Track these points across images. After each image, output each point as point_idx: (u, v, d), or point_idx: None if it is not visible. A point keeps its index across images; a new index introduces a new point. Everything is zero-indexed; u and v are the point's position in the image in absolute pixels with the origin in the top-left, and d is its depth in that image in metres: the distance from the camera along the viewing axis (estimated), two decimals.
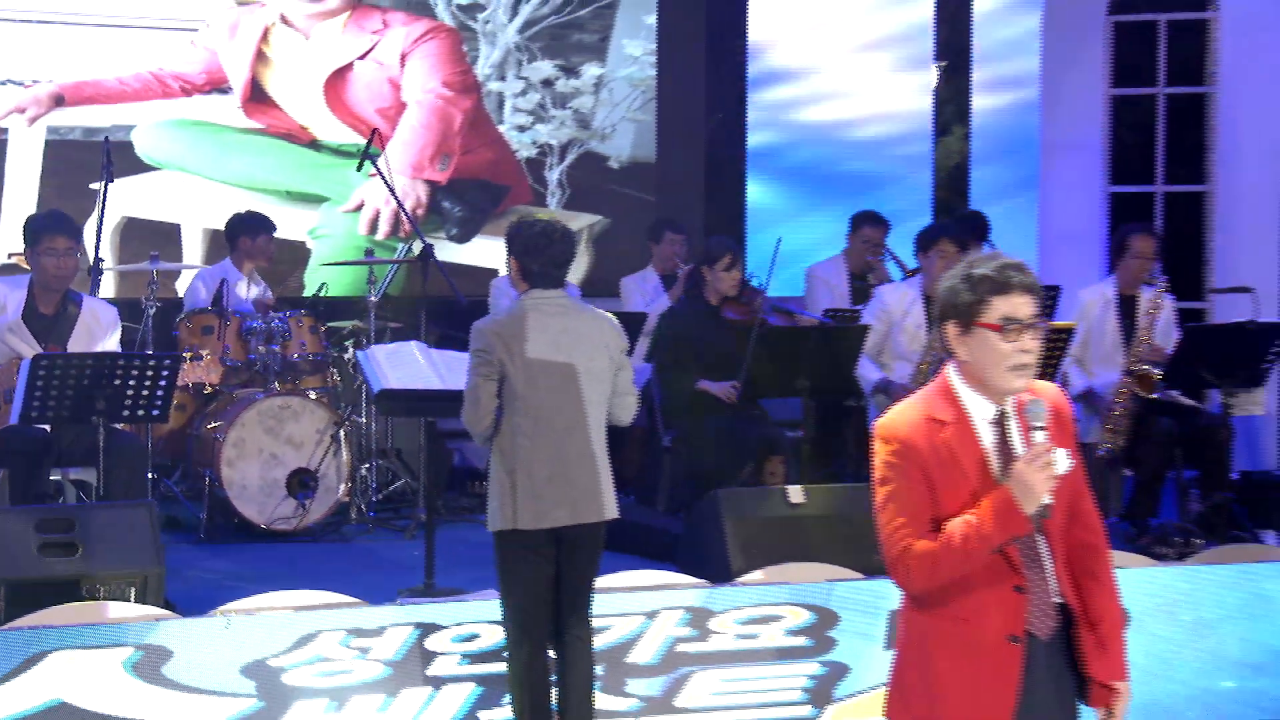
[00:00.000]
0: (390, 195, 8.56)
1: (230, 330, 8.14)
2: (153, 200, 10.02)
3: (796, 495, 6.64)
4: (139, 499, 6.50)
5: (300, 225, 10.23)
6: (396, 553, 7.55)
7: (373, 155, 8.19)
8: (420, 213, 10.33)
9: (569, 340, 5.34)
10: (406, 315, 8.64)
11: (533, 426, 5.28)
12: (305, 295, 9.57)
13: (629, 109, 11.01)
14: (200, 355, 6.80)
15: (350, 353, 8.48)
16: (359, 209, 10.30)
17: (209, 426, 7.87)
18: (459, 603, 5.85)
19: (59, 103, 9.85)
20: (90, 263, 8.13)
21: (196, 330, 8.17)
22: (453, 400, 5.67)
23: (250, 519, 7.75)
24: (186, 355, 6.69)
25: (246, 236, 8.65)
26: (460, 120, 10.54)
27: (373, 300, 8.43)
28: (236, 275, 8.62)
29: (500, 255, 5.72)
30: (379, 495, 8.33)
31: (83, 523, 5.75)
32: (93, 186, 8.50)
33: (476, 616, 5.70)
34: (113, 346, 6.88)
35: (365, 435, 8.36)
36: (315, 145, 10.33)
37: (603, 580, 5.60)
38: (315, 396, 8.10)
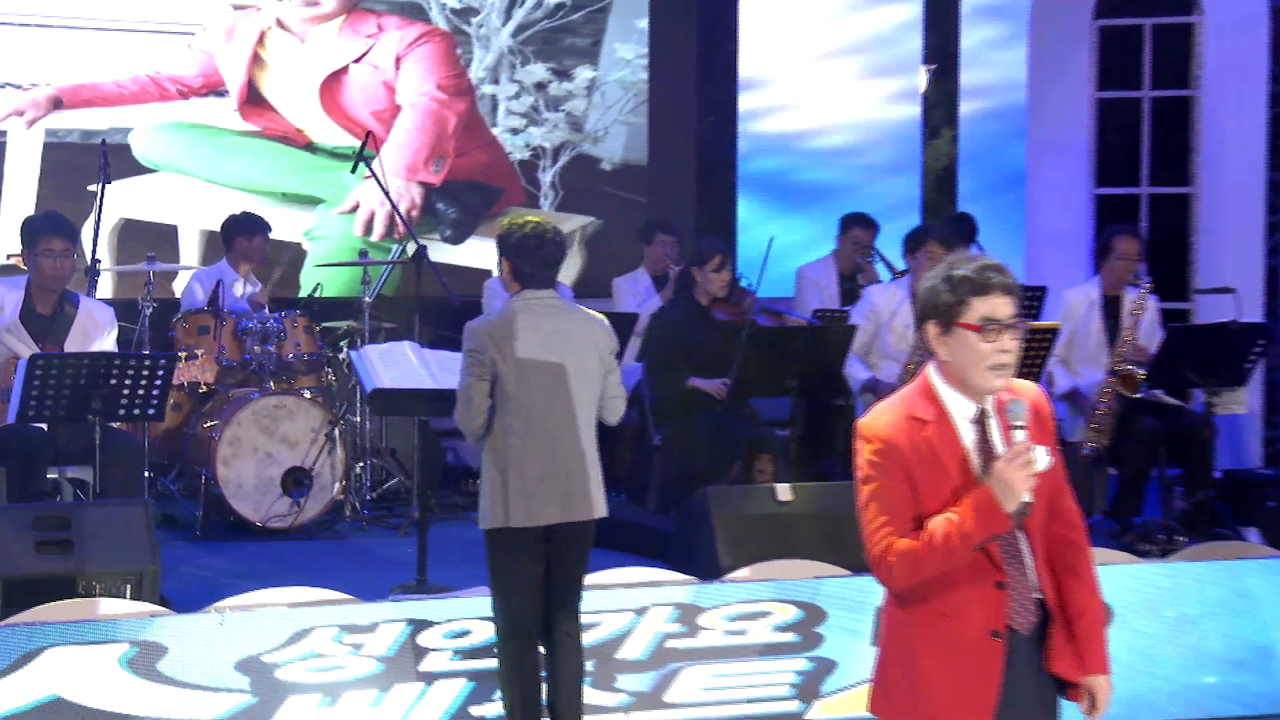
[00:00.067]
0: (384, 197, 8.57)
1: (226, 330, 8.15)
2: (150, 202, 10.03)
3: (785, 493, 6.65)
4: (135, 497, 6.52)
5: (296, 227, 10.24)
6: (390, 550, 7.56)
7: (367, 158, 8.19)
8: (415, 214, 10.34)
9: (560, 341, 5.35)
10: (400, 316, 8.64)
11: (524, 426, 5.29)
12: (301, 296, 9.58)
13: (621, 112, 11.02)
14: (195, 355, 6.81)
15: (345, 353, 8.49)
16: (354, 210, 10.31)
17: (205, 425, 7.87)
18: (451, 599, 5.86)
19: (57, 105, 9.86)
20: (88, 263, 8.13)
21: (193, 330, 8.18)
22: (445, 399, 5.68)
23: (246, 517, 7.76)
24: (181, 355, 6.70)
25: (242, 237, 8.66)
26: (454, 123, 10.55)
27: (367, 301, 8.43)
28: (233, 276, 8.63)
29: (493, 256, 5.73)
30: (373, 493, 8.34)
31: (79, 520, 5.76)
32: (90, 188, 8.49)
33: (468, 613, 5.71)
34: (109, 346, 6.89)
35: (359, 434, 8.36)
36: (311, 148, 10.33)
37: (593, 577, 5.61)
38: (310, 396, 8.10)
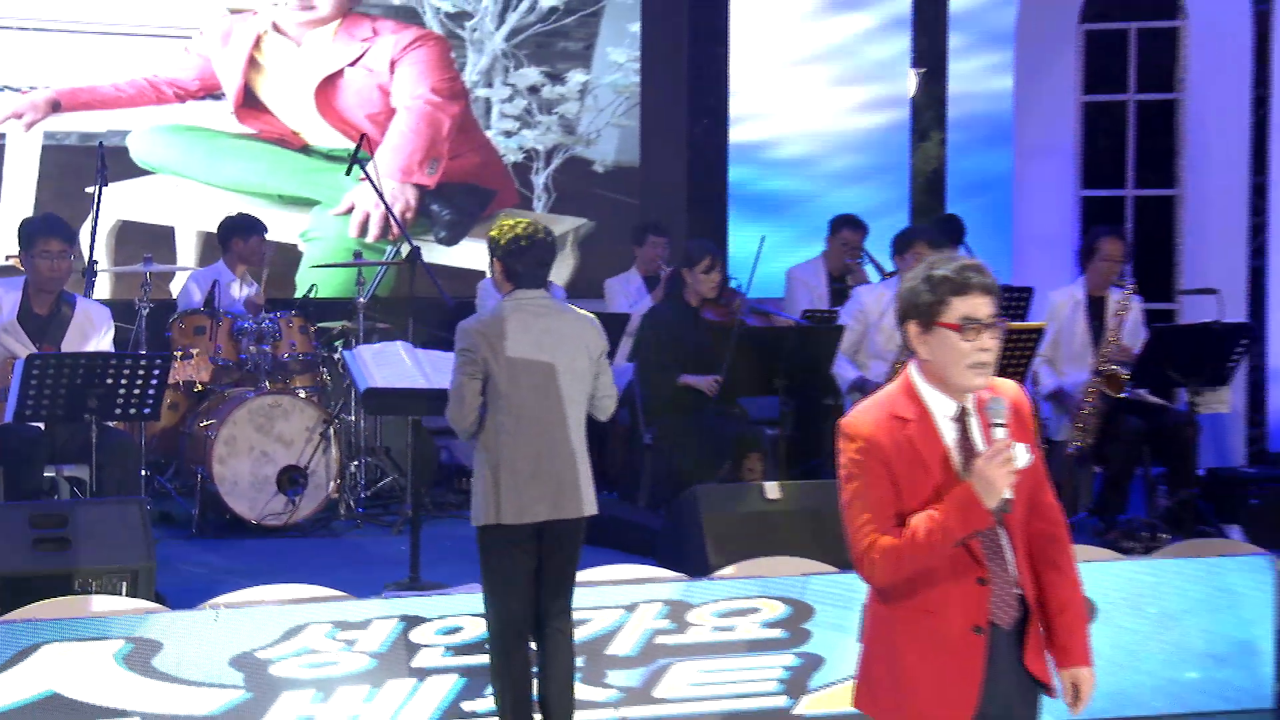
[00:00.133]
0: (379, 199, 8.58)
1: (222, 330, 8.16)
2: (147, 204, 10.03)
3: (773, 491, 6.65)
4: (131, 495, 6.52)
5: (292, 228, 10.24)
6: (384, 548, 7.57)
7: (361, 160, 8.20)
8: (409, 216, 10.35)
9: (552, 340, 5.36)
10: (394, 316, 8.65)
11: (516, 424, 5.29)
12: (296, 296, 9.58)
13: (613, 115, 11.03)
14: (191, 354, 6.81)
15: (339, 353, 8.49)
16: (350, 212, 10.31)
17: (201, 424, 7.88)
18: (443, 596, 5.85)
19: (56, 108, 9.86)
20: (85, 264, 8.13)
21: (189, 330, 8.18)
22: (438, 399, 5.68)
23: (241, 515, 7.76)
24: (177, 355, 6.70)
25: (239, 238, 8.67)
26: (448, 126, 10.55)
27: (361, 301, 8.44)
28: (229, 276, 8.63)
29: (487, 258, 5.73)
30: (367, 492, 8.34)
31: (75, 518, 5.76)
32: (88, 190, 8.50)
33: (460, 610, 5.70)
34: (106, 346, 6.89)
35: (354, 433, 8.36)
36: (306, 150, 10.34)
37: (583, 574, 5.61)
38: (305, 395, 8.11)
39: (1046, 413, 8.11)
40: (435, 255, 10.22)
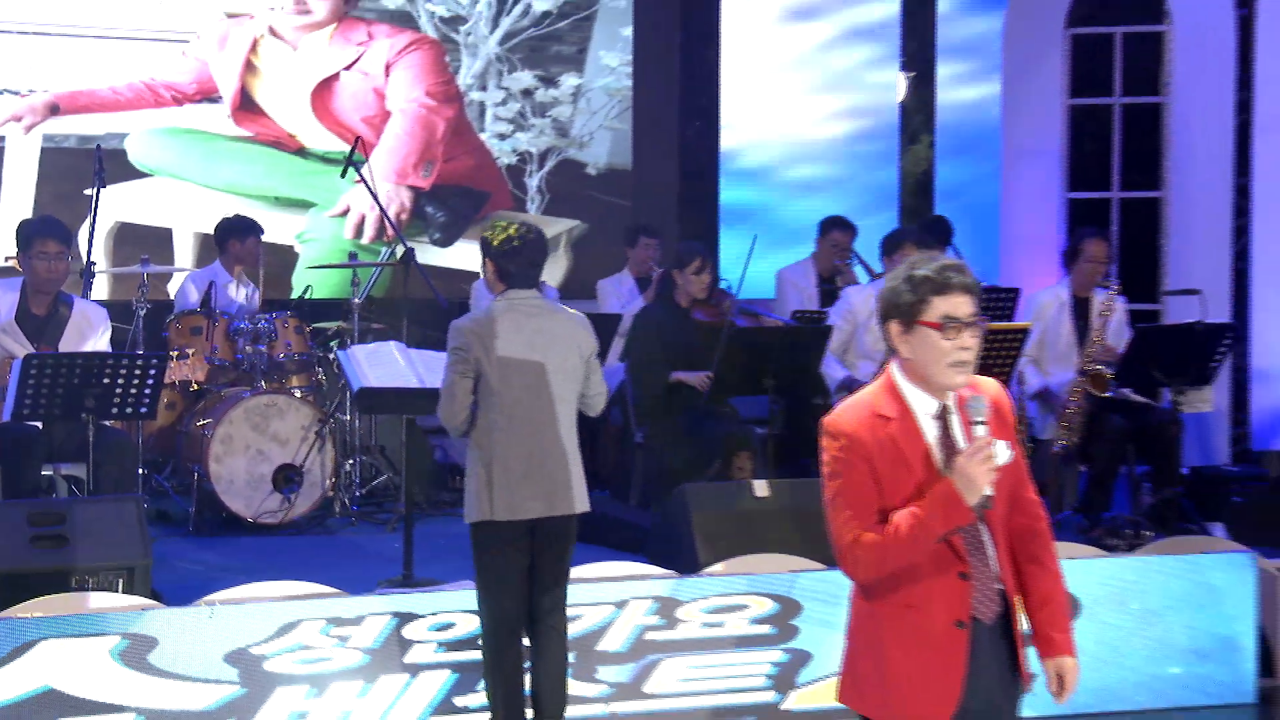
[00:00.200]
0: (373, 201, 8.58)
1: (218, 331, 8.16)
2: (145, 205, 10.04)
3: (762, 489, 6.66)
4: (128, 493, 6.52)
5: (288, 230, 10.25)
6: (378, 545, 7.57)
7: (356, 162, 8.20)
8: (404, 218, 10.36)
9: (543, 340, 5.37)
10: (389, 317, 8.65)
11: (508, 422, 5.30)
12: (292, 297, 9.59)
13: (606, 118, 11.04)
14: (186, 354, 6.81)
15: (334, 353, 8.50)
16: (345, 214, 10.32)
17: (198, 424, 7.88)
18: (435, 593, 5.87)
19: (54, 111, 9.87)
20: (83, 265, 8.13)
21: (186, 331, 8.18)
22: (430, 398, 5.68)
23: (237, 513, 7.77)
24: (173, 355, 6.71)
25: (235, 239, 8.67)
26: (443, 128, 10.56)
27: (356, 302, 8.44)
28: (226, 277, 8.64)
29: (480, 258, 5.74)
30: (362, 490, 8.35)
31: (72, 516, 5.76)
32: (86, 192, 8.49)
33: (452, 606, 5.72)
34: (103, 346, 6.89)
35: (349, 432, 8.37)
36: (303, 152, 10.35)
37: (574, 571, 5.61)
38: (300, 395, 8.12)
39: (1032, 412, 8.13)
40: (430, 256, 10.23)
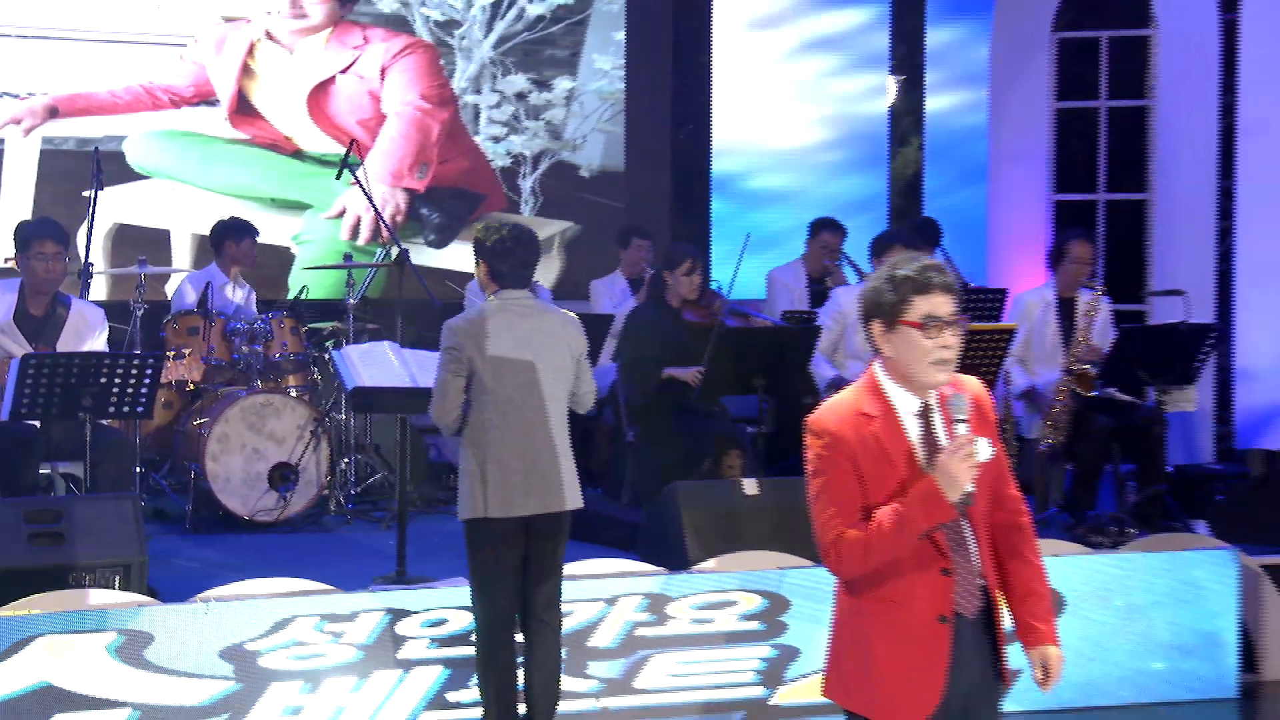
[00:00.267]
0: (368, 203, 8.58)
1: (215, 331, 8.16)
2: (143, 207, 10.04)
3: (751, 487, 6.66)
4: (125, 491, 6.53)
5: (285, 231, 10.25)
6: (373, 542, 7.57)
7: (351, 164, 8.20)
8: (399, 219, 10.36)
9: (536, 339, 5.39)
10: (384, 317, 8.65)
11: (502, 420, 5.31)
12: (288, 298, 9.59)
13: (599, 120, 11.05)
14: (183, 354, 6.81)
15: (329, 352, 8.50)
16: (341, 215, 10.32)
17: (195, 423, 7.89)
18: (428, 589, 5.88)
19: (53, 114, 9.87)
20: (81, 266, 8.14)
21: (182, 331, 8.19)
22: (423, 397, 5.69)
23: (234, 511, 7.77)
24: (170, 355, 6.71)
25: (231, 241, 8.67)
26: (438, 131, 10.57)
27: (351, 303, 8.45)
28: (222, 278, 8.64)
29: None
30: (357, 488, 8.35)
31: (69, 514, 5.76)
32: (85, 194, 8.49)
33: (445, 603, 5.73)
34: (100, 346, 6.89)
35: (344, 431, 8.37)
36: (299, 155, 10.35)
37: (566, 568, 5.62)
38: (296, 394, 8.12)
39: (1019, 411, 8.14)
40: (425, 258, 10.24)
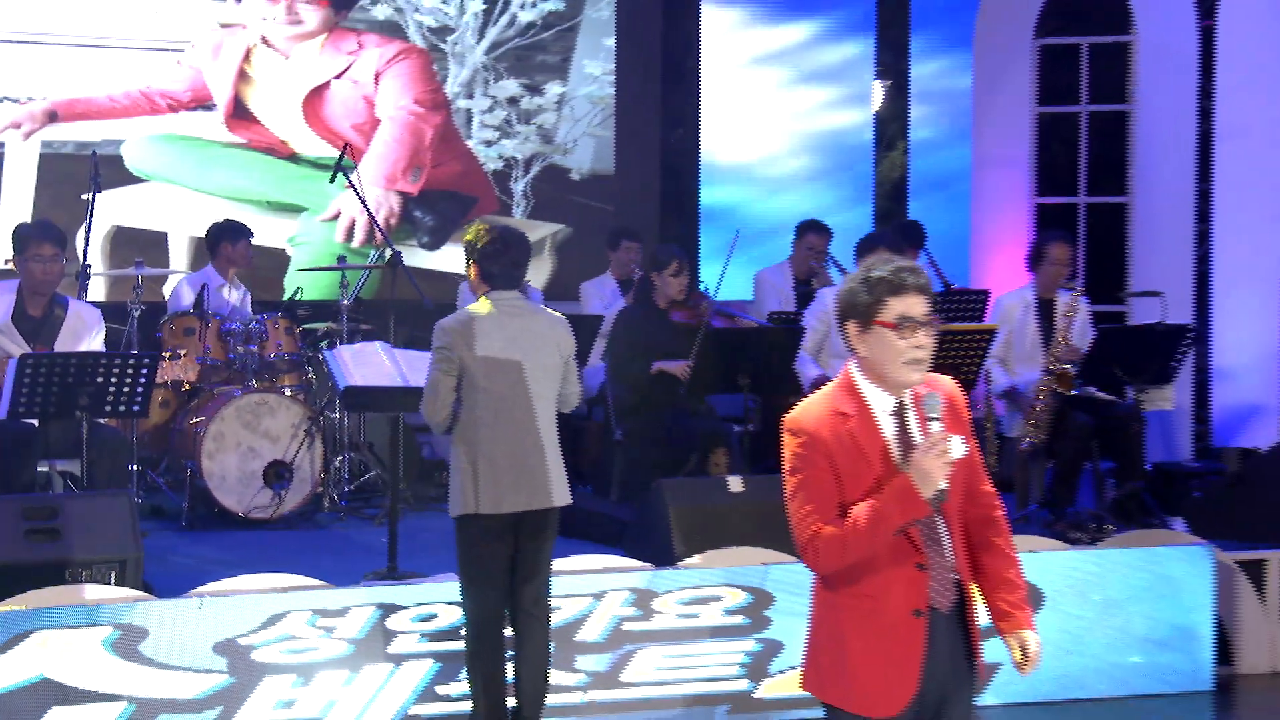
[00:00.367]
0: (362, 205, 8.58)
1: (211, 331, 8.16)
2: (141, 210, 10.04)
3: (736, 485, 6.67)
4: (121, 489, 6.53)
5: (280, 233, 10.26)
6: (366, 539, 7.58)
7: (345, 168, 8.21)
8: (393, 222, 10.37)
9: (525, 339, 5.40)
10: (377, 318, 8.66)
11: (493, 418, 5.33)
12: (283, 299, 9.59)
13: (589, 125, 11.06)
14: (178, 355, 6.83)
15: (322, 353, 8.50)
16: (336, 218, 10.33)
17: (191, 421, 7.89)
18: (418, 585, 5.89)
19: (53, 119, 9.87)
20: (79, 268, 8.14)
21: (179, 331, 8.19)
22: (414, 396, 5.71)
23: (229, 508, 7.77)
24: (165, 355, 6.72)
25: (227, 242, 8.67)
26: (431, 135, 10.58)
27: (345, 304, 8.46)
28: (219, 280, 8.64)
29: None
30: (350, 486, 8.35)
31: (66, 510, 5.77)
32: (84, 197, 8.50)
33: (435, 598, 5.74)
34: (97, 346, 6.90)
35: (338, 429, 8.37)
36: (294, 158, 10.35)
37: (554, 564, 5.63)
38: (291, 393, 8.13)
39: (1000, 410, 8.16)
40: (418, 259, 10.25)
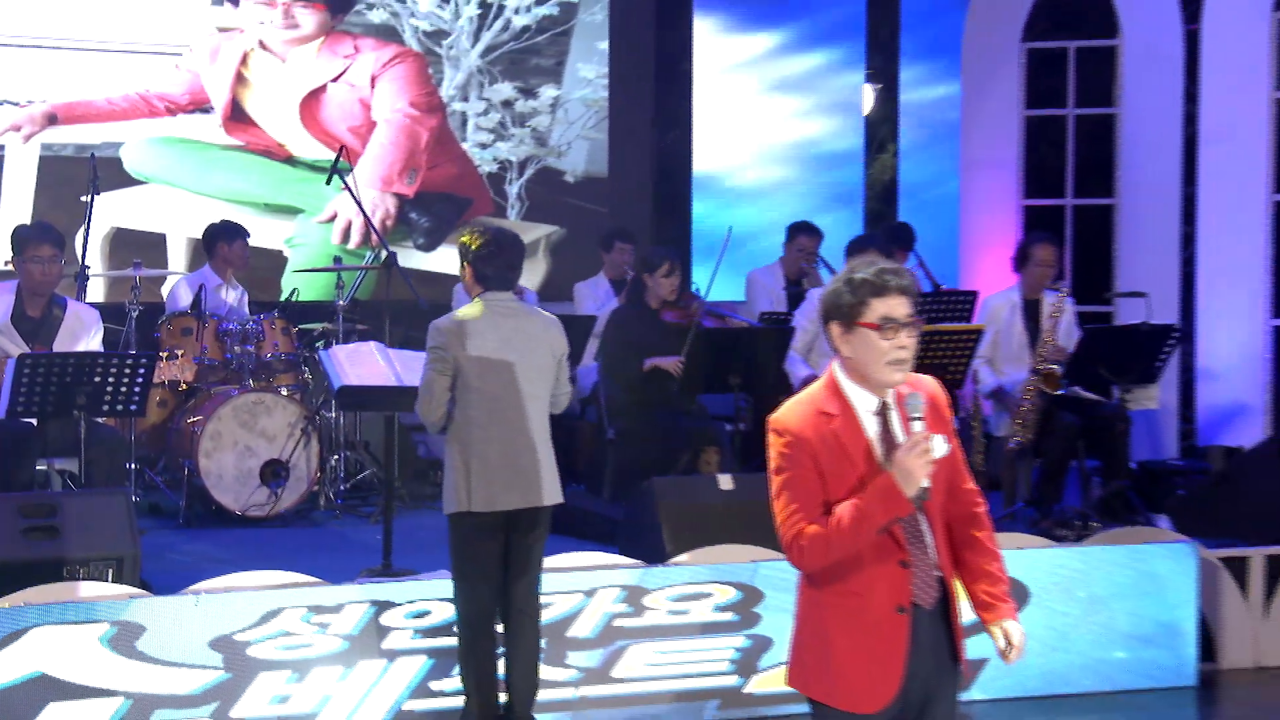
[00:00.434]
0: (358, 207, 8.60)
1: (208, 331, 8.18)
2: (140, 212, 10.05)
3: (726, 483, 6.68)
4: (118, 487, 6.54)
5: (277, 235, 10.26)
6: (361, 536, 7.60)
7: (341, 170, 8.22)
8: (389, 223, 10.38)
9: (518, 339, 5.41)
10: (372, 318, 8.67)
11: (486, 417, 5.34)
12: (279, 299, 9.60)
13: (583, 127, 11.07)
14: (176, 355, 6.84)
15: (318, 353, 8.50)
16: (332, 220, 10.34)
17: (188, 421, 7.90)
18: (412, 582, 5.89)
19: (52, 121, 9.87)
20: (77, 269, 8.15)
21: (176, 332, 8.20)
22: (409, 396, 5.72)
23: (226, 506, 7.79)
24: (162, 355, 6.73)
25: (223, 243, 8.68)
26: (426, 138, 10.59)
27: (341, 304, 8.47)
28: (216, 280, 8.65)
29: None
30: (346, 484, 8.37)
31: (64, 509, 5.78)
32: (83, 199, 8.51)
33: (429, 594, 5.74)
34: (95, 346, 6.91)
35: (334, 428, 8.38)
36: (291, 161, 10.36)
37: (546, 561, 5.64)
38: (287, 393, 8.14)
39: (988, 410, 8.17)
40: (414, 261, 10.26)
